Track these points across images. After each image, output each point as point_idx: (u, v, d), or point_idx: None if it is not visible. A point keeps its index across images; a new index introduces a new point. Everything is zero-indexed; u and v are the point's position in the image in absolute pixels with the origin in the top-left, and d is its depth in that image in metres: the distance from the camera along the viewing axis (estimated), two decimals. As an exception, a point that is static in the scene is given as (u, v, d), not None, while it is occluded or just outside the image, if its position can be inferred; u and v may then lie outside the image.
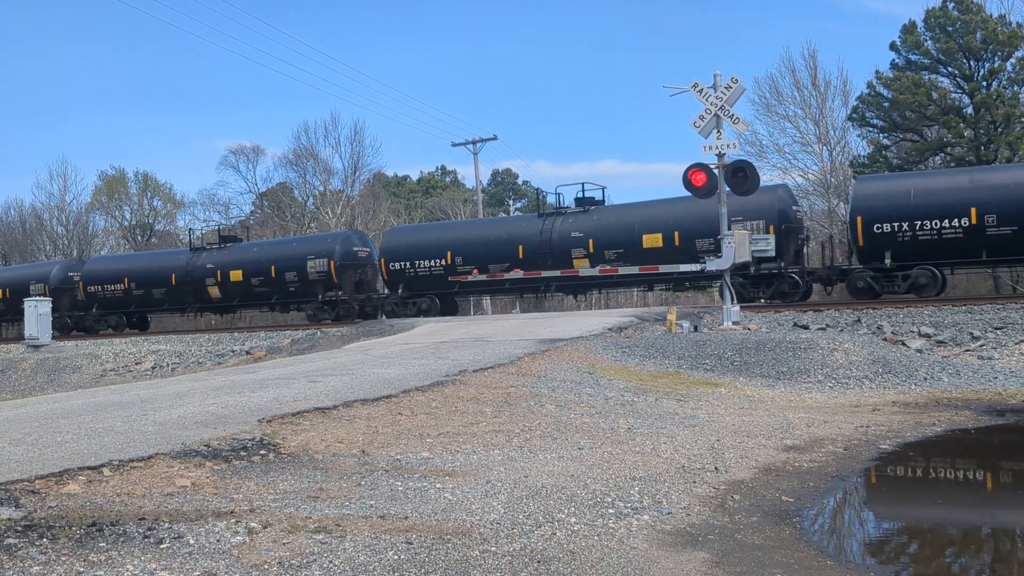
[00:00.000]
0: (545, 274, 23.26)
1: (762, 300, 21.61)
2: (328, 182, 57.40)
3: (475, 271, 24.55)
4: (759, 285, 21.84)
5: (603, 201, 25.63)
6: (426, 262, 25.95)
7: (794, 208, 23.36)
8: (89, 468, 5.26)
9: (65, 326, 32.36)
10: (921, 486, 6.82)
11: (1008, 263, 21.57)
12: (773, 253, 17.04)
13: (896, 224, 19.87)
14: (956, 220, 19.33)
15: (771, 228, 20.99)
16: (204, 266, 29.68)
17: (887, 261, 19.98)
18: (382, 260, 26.77)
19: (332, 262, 26.93)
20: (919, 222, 19.60)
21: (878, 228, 20.06)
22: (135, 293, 31.02)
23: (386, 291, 27.25)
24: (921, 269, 19.77)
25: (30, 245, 59.68)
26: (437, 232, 28.28)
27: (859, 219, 20.38)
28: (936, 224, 19.52)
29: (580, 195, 25.21)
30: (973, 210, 19.16)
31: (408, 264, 26.08)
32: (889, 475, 6.88)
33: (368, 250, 28.43)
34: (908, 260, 19.88)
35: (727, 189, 16.38)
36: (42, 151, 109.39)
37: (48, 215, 62.90)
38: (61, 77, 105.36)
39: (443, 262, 25.60)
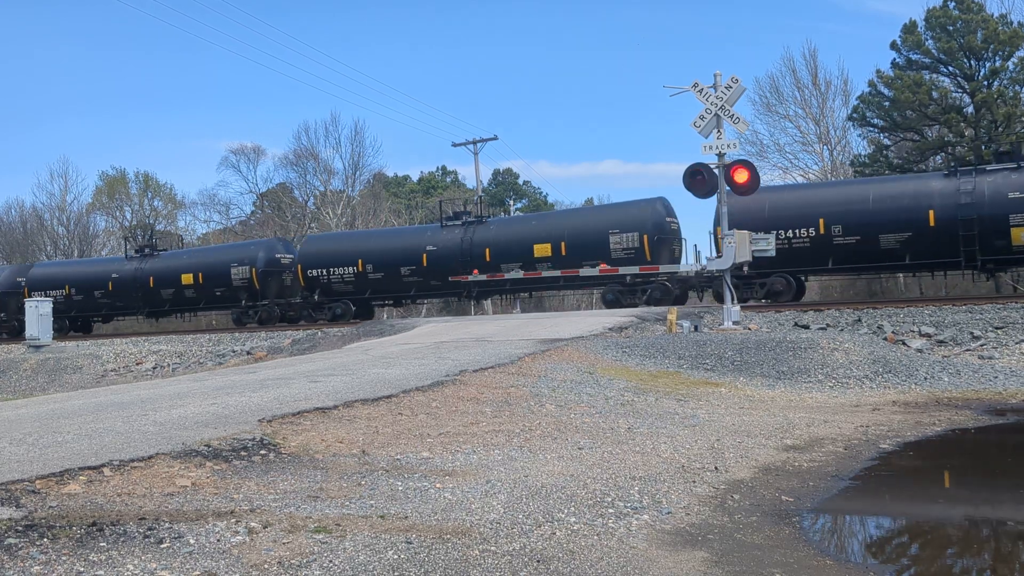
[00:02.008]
0: None
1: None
2: (328, 182, 57.50)
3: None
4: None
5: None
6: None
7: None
8: (90, 468, 5.26)
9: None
10: (921, 486, 6.82)
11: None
12: (773, 253, 17.03)
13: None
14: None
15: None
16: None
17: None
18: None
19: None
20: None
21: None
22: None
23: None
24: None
25: (31, 246, 59.71)
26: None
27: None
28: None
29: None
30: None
31: None
32: (889, 475, 6.88)
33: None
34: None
35: (727, 189, 16.38)
36: (42, 151, 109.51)
37: (49, 215, 63.03)
38: (61, 77, 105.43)
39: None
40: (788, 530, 5.06)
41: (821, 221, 21.04)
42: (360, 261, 27.52)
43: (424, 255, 26.39)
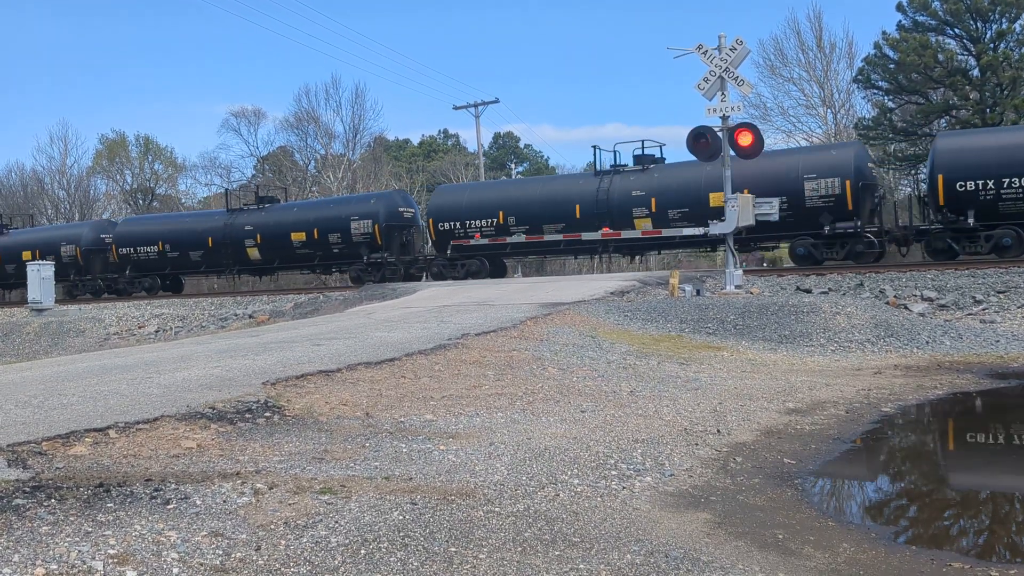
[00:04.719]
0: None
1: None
2: (329, 145, 57.21)
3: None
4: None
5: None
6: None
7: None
8: (95, 430, 5.29)
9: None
10: (922, 448, 6.86)
11: None
12: (777, 217, 16.99)
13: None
14: None
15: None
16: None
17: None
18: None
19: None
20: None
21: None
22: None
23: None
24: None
25: (31, 209, 59.59)
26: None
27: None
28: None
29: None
30: None
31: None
32: (890, 437, 6.92)
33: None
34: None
35: (731, 153, 16.29)
36: (42, 114, 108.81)
37: (49, 179, 62.82)
38: (60, 39, 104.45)
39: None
40: (790, 492, 5.10)
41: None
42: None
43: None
